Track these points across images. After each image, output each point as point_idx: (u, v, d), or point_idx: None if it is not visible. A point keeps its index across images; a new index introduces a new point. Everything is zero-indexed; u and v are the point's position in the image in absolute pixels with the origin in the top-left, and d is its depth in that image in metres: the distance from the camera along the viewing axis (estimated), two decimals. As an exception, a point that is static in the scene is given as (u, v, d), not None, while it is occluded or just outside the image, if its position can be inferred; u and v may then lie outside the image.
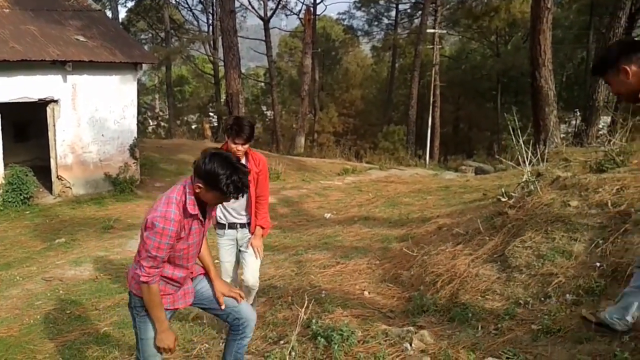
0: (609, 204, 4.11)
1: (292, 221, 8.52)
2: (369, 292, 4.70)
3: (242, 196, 2.66)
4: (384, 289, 4.76)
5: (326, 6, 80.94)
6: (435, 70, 29.29)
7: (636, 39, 1.88)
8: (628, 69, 2.46)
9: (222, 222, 4.04)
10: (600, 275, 3.52)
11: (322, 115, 35.77)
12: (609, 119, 14.71)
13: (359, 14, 37.25)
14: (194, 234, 2.73)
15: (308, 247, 6.54)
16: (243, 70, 25.25)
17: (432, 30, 28.54)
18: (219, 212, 3.97)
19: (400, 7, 35.86)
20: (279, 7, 32.34)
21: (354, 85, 40.11)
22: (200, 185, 2.55)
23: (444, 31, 31.78)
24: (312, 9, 30.61)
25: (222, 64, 22.83)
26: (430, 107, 28.38)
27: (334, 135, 36.12)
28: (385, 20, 37.43)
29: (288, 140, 29.54)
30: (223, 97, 26.24)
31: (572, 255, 3.83)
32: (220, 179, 2.49)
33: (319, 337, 3.46)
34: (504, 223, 4.77)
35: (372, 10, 36.41)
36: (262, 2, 31.07)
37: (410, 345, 3.34)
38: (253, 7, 31.68)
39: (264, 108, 40.31)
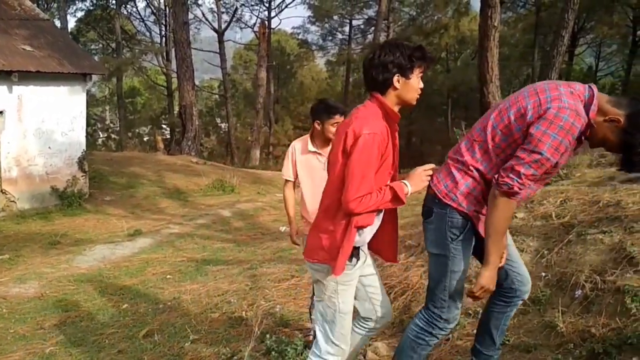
0: (553, 216, 4.28)
1: (246, 235, 8.45)
2: (323, 305, 4.71)
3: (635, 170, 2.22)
4: (338, 302, 4.77)
5: (281, 20, 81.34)
6: (388, 84, 29.78)
7: None
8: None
9: (362, 241, 2.49)
10: (545, 285, 3.65)
11: (278, 127, 35.77)
12: (553, 134, 15.26)
13: (313, 28, 37.61)
14: (567, 156, 2.20)
15: (263, 260, 6.51)
16: (197, 82, 24.97)
17: (385, 46, 29.03)
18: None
19: (354, 22, 36.43)
20: (234, 20, 32.35)
21: (309, 98, 40.27)
22: (619, 119, 2.09)
23: (397, 47, 32.38)
24: (266, 22, 30.74)
25: (176, 75, 22.54)
26: (384, 121, 28.79)
27: (290, 148, 36.11)
28: (340, 35, 37.93)
29: (243, 152, 29.34)
30: (176, 109, 25.88)
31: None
32: None
33: (272, 352, 3.45)
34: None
35: (327, 25, 36.83)
36: (216, 15, 31.01)
37: (364, 357, 3.37)
38: (207, 20, 31.60)
39: (218, 120, 39.95)
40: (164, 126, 35.89)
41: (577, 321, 3.21)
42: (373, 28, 30.71)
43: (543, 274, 3.72)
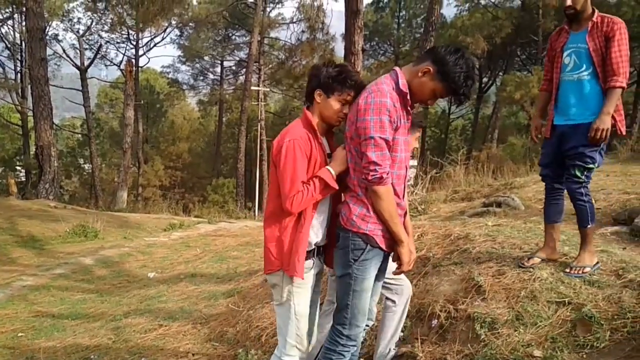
0: (412, 250, 4.56)
1: (110, 283, 7.94)
2: (193, 354, 4.54)
3: (467, 98, 2.47)
4: (209, 349, 4.64)
5: (149, 59, 79.62)
6: (261, 125, 30.23)
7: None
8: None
9: (310, 242, 2.62)
10: (406, 317, 3.85)
11: (147, 168, 34.48)
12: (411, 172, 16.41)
13: (184, 68, 37.33)
14: (403, 131, 2.43)
15: (128, 311, 6.14)
16: (57, 121, 23.45)
17: (256, 88, 29.56)
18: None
19: (225, 63, 36.76)
20: (98, 57, 31.05)
21: (181, 138, 39.52)
22: (428, 69, 2.36)
23: (267, 89, 33.12)
24: (133, 60, 29.88)
25: (32, 114, 20.95)
26: (258, 160, 29.07)
27: (161, 189, 34.93)
28: (211, 76, 38.04)
29: (109, 195, 27.80)
30: (33, 149, 23.95)
31: (382, 299, 4.14)
32: (456, 63, 2.32)
33: (136, 409, 3.25)
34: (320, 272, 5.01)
35: (197, 65, 36.76)
36: (78, 51, 29.57)
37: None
38: (68, 56, 30.01)
39: (81, 161, 37.64)
40: (18, 168, 33.02)
41: (434, 349, 3.41)
42: (244, 70, 31.13)
43: (404, 306, 3.92)
